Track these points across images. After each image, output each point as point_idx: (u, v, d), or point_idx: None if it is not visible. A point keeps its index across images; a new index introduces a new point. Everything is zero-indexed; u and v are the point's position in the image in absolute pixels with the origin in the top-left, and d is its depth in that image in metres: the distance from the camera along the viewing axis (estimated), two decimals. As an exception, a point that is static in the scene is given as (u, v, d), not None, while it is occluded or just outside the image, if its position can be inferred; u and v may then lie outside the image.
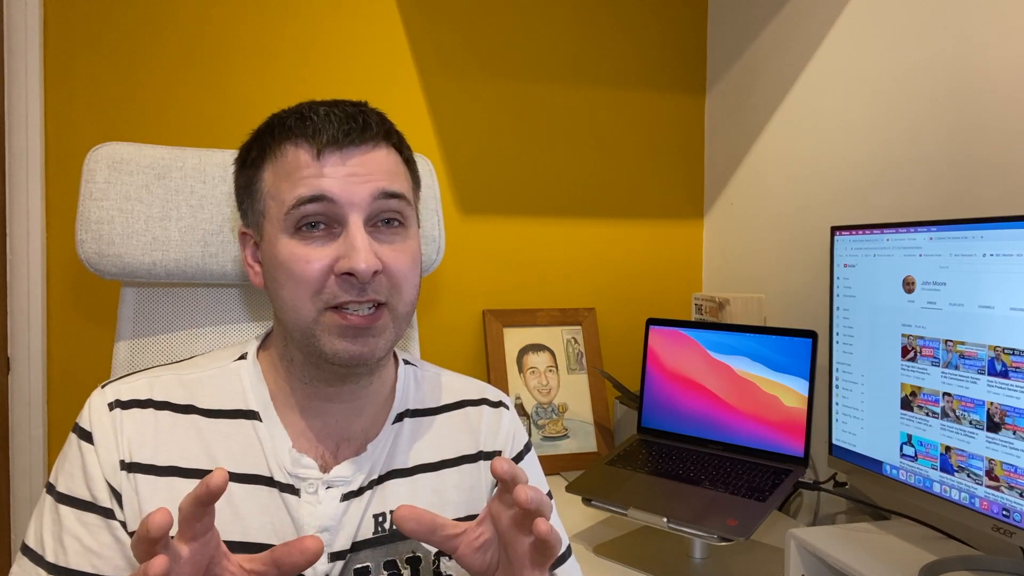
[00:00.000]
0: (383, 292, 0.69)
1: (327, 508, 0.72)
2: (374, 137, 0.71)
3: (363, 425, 0.77)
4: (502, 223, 1.73)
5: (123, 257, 0.90)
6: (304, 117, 0.71)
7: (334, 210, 0.68)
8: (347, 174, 0.69)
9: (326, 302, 0.68)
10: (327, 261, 0.68)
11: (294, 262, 0.68)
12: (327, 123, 0.69)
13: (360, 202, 0.69)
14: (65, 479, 0.69)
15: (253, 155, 0.74)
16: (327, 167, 0.69)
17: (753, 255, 1.68)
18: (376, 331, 0.70)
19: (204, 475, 0.70)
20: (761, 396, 1.27)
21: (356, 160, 0.70)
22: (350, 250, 0.67)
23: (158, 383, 0.74)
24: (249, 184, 0.74)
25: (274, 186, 0.71)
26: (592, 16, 1.77)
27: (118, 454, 0.69)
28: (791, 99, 1.55)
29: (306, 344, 0.70)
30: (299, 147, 0.70)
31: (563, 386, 1.71)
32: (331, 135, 0.69)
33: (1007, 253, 0.90)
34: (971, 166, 1.14)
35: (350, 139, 0.69)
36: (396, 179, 0.72)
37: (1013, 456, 0.89)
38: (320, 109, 0.71)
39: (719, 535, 1.05)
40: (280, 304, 0.71)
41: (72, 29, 1.45)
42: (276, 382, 0.76)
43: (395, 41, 1.64)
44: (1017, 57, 1.07)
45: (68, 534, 0.67)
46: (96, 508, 0.68)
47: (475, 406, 0.85)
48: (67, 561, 0.66)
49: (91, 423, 0.70)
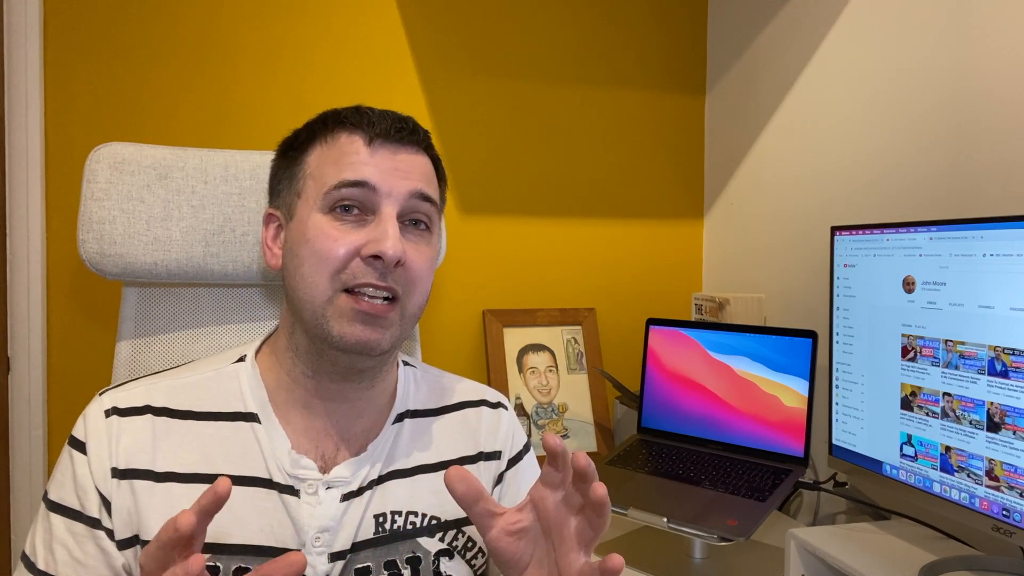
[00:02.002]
0: (400, 285, 0.71)
1: (327, 508, 0.72)
2: (420, 142, 0.76)
3: (363, 426, 0.78)
4: (502, 223, 1.73)
5: (124, 257, 0.90)
6: (361, 112, 0.75)
7: (371, 197, 0.71)
8: (392, 167, 0.72)
9: (344, 283, 0.69)
10: (354, 245, 0.70)
11: (321, 239, 0.70)
12: (382, 119, 0.74)
13: (398, 195, 0.72)
14: (56, 488, 0.70)
15: (301, 139, 0.77)
16: (376, 156, 0.72)
17: (753, 255, 1.68)
18: (386, 323, 0.71)
19: (202, 479, 0.71)
20: (761, 396, 1.27)
21: (403, 157, 0.74)
22: (381, 235, 0.69)
23: (155, 389, 0.75)
24: (290, 165, 0.77)
25: (318, 168, 0.73)
26: (592, 16, 1.77)
27: (111, 461, 0.70)
28: (791, 99, 1.55)
29: (315, 325, 0.71)
30: (353, 134, 0.74)
31: (563, 386, 1.71)
32: (384, 128, 0.73)
33: (1007, 253, 0.91)
34: (971, 166, 1.14)
35: (400, 136, 0.74)
36: (431, 186, 0.76)
37: (1013, 456, 0.90)
38: (375, 109, 0.76)
39: (719, 535, 1.05)
40: (296, 282, 0.72)
41: (72, 29, 1.45)
42: (277, 379, 0.76)
43: (396, 42, 1.64)
44: (1017, 57, 1.07)
45: (57, 542, 0.68)
46: (83, 518, 0.69)
47: (474, 407, 0.86)
48: (56, 570, 0.67)
49: (85, 433, 0.71)
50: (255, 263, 0.95)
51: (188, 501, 0.69)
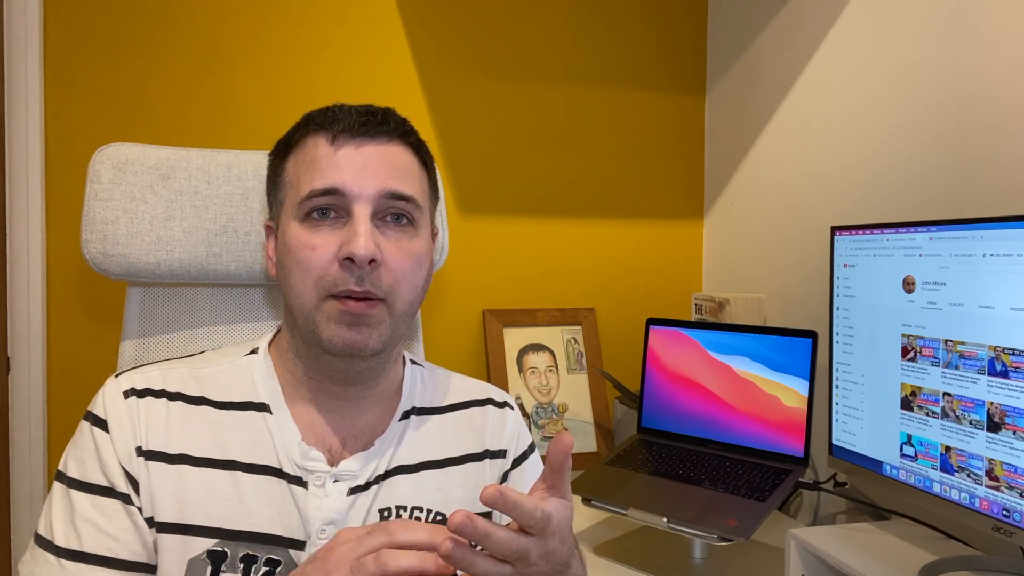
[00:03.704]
0: (382, 287, 0.70)
1: (334, 501, 0.72)
2: (389, 132, 0.74)
3: (369, 422, 0.78)
4: (502, 223, 1.73)
5: (128, 257, 0.90)
6: (329, 110, 0.74)
7: (342, 201, 0.71)
8: (361, 165, 0.71)
9: (328, 289, 0.70)
10: (332, 248, 0.70)
11: (300, 249, 0.71)
12: (346, 115, 0.73)
13: (368, 196, 0.71)
14: (77, 465, 0.70)
15: (281, 147, 0.77)
16: (341, 156, 0.71)
17: (753, 255, 1.69)
18: (372, 321, 0.71)
19: (214, 464, 0.71)
20: (761, 396, 1.27)
21: (369, 150, 0.72)
22: (352, 236, 0.69)
23: (171, 374, 0.75)
24: (275, 175, 0.78)
25: (295, 176, 0.74)
26: (592, 16, 1.78)
27: (135, 440, 0.70)
28: (791, 99, 1.55)
29: (307, 331, 0.72)
30: (318, 136, 0.73)
31: (563, 386, 1.71)
32: (347, 124, 0.72)
33: (1007, 253, 0.91)
34: (971, 166, 1.15)
35: (365, 129, 0.72)
36: (407, 179, 0.74)
37: (1013, 456, 0.90)
38: (345, 106, 0.75)
39: (719, 535, 1.05)
40: (288, 291, 0.73)
41: (72, 29, 1.45)
42: (285, 375, 0.77)
43: (396, 42, 1.64)
44: (1017, 57, 1.07)
45: (82, 519, 0.68)
46: (114, 493, 0.69)
47: (480, 406, 0.86)
48: (80, 545, 0.67)
49: (105, 411, 0.71)
50: (257, 263, 0.95)
51: (199, 485, 0.70)
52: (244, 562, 0.69)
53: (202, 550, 0.68)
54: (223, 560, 0.69)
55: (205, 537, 0.69)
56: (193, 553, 0.68)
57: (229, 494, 0.70)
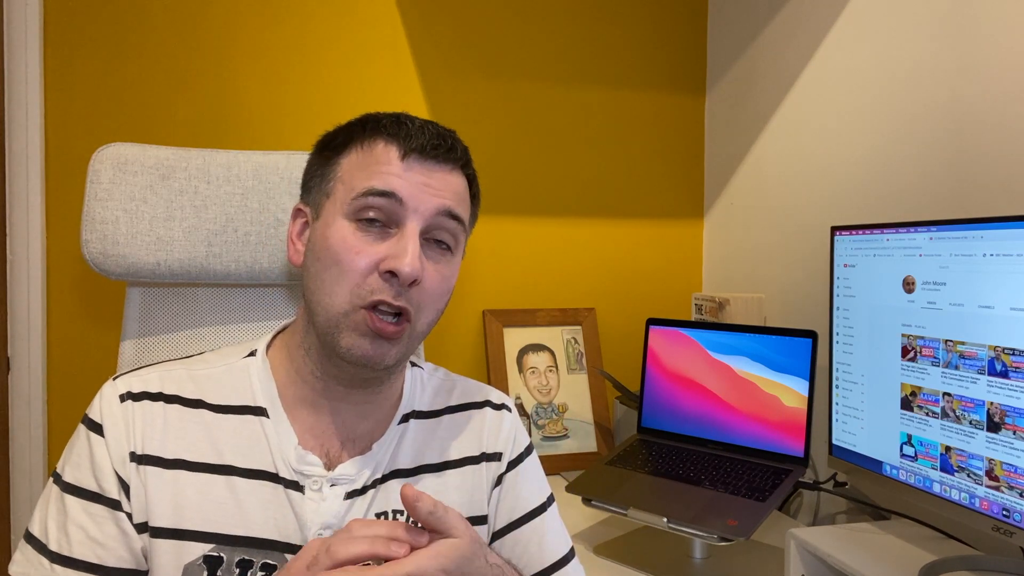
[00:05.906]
0: (412, 303, 0.71)
1: (331, 506, 0.72)
2: (456, 160, 0.75)
3: (368, 426, 0.78)
4: (502, 223, 1.73)
5: (127, 257, 0.90)
6: (400, 122, 0.74)
7: (397, 210, 0.71)
8: (422, 183, 0.72)
9: (363, 299, 0.69)
10: (375, 258, 0.70)
11: (344, 250, 0.70)
12: (420, 133, 0.73)
13: (424, 211, 0.71)
14: (72, 469, 0.70)
15: (339, 140, 0.76)
16: (407, 170, 0.72)
17: (753, 255, 1.69)
18: (394, 341, 0.71)
19: (211, 469, 0.71)
20: (761, 396, 1.27)
21: (435, 174, 0.73)
22: (401, 251, 0.69)
23: (169, 377, 0.75)
24: (324, 164, 0.76)
25: (349, 172, 0.73)
26: (592, 16, 1.78)
27: (128, 445, 0.70)
28: (791, 99, 1.55)
29: (326, 332, 0.71)
30: (390, 144, 0.73)
31: (563, 386, 1.71)
32: (420, 144, 0.72)
33: (1007, 253, 0.91)
34: (971, 166, 1.14)
35: (436, 153, 0.73)
36: (462, 205, 0.75)
37: (1013, 456, 0.90)
38: (416, 120, 0.75)
39: (719, 535, 1.05)
40: (316, 285, 0.72)
41: (72, 29, 1.45)
42: (287, 375, 0.77)
43: (396, 42, 1.64)
44: (1017, 57, 1.07)
45: (73, 524, 0.68)
46: (103, 499, 0.68)
47: (478, 408, 0.86)
48: (70, 551, 0.67)
49: (101, 414, 0.71)
50: (257, 263, 0.95)
51: (195, 490, 0.70)
52: (240, 567, 0.69)
53: (198, 555, 0.68)
54: (219, 565, 0.68)
55: (201, 542, 0.69)
56: (189, 558, 0.68)
57: (225, 499, 0.70)
